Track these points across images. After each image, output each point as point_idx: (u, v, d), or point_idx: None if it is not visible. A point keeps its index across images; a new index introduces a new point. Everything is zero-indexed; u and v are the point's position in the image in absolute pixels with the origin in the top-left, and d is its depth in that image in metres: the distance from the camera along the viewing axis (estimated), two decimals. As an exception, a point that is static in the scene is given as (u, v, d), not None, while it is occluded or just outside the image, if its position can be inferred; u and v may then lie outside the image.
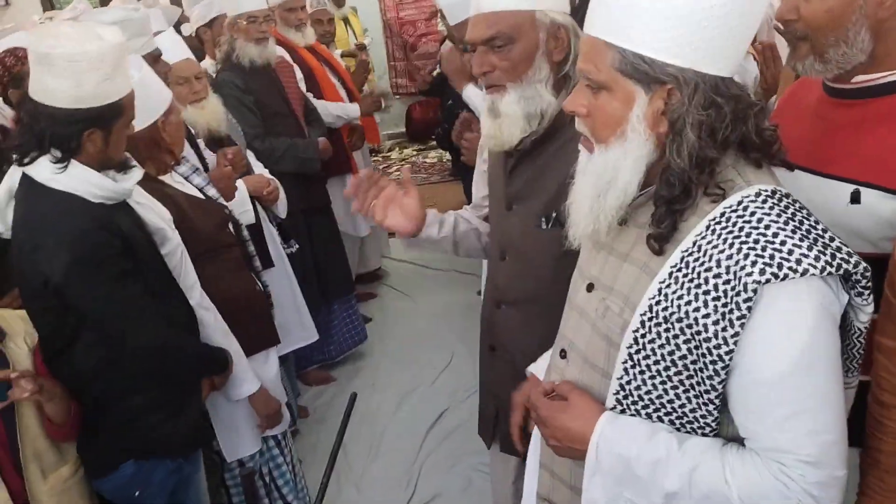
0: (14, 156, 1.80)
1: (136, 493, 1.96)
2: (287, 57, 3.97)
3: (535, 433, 1.31)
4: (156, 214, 2.04)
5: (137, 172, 1.93)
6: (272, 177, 2.97)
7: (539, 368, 1.39)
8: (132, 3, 6.26)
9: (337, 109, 4.15)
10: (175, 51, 2.81)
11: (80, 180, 1.76)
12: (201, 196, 2.39)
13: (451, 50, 3.39)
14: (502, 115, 1.49)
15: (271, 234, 2.97)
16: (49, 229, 1.75)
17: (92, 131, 1.75)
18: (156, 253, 2.00)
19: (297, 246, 3.14)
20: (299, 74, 3.99)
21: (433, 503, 2.88)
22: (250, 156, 3.06)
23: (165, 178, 2.29)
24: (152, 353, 1.88)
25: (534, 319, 1.55)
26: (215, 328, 2.16)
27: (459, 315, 4.29)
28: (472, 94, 3.26)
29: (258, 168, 3.02)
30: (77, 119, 1.73)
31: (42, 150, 1.76)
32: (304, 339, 3.18)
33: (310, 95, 4.03)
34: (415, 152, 8.01)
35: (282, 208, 2.99)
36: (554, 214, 1.50)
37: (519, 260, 1.60)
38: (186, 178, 2.39)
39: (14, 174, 1.82)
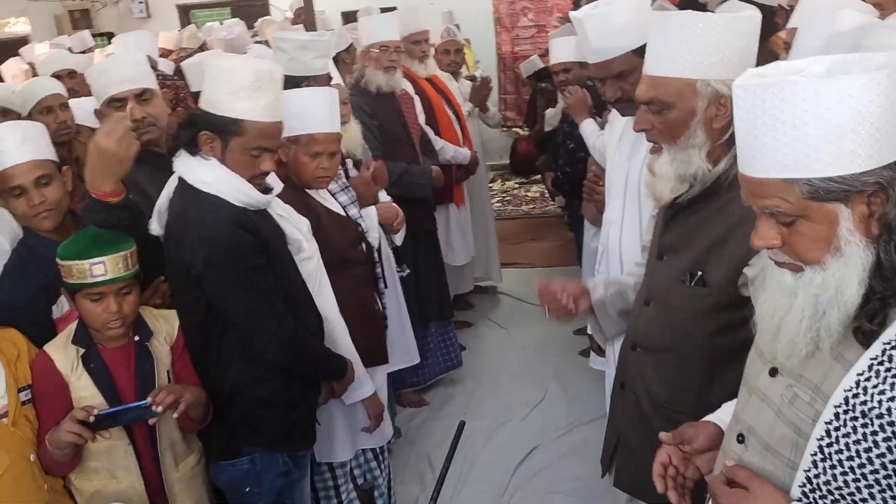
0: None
1: (247, 490, 2.09)
2: (411, 89, 4.14)
3: None
4: (294, 227, 2.19)
5: (275, 190, 2.09)
6: (399, 207, 3.10)
7: (716, 418, 1.36)
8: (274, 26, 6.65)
9: (451, 152, 4.31)
10: None
11: (223, 182, 1.93)
12: (342, 213, 2.53)
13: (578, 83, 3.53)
14: (657, 175, 1.57)
15: (388, 257, 3.10)
16: (193, 225, 1.93)
17: (205, 134, 1.92)
18: (290, 260, 2.14)
19: (409, 271, 3.26)
20: (419, 107, 4.15)
21: (520, 539, 2.89)
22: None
23: (312, 192, 2.45)
24: (278, 344, 1.99)
25: (665, 367, 1.58)
26: (341, 337, 2.28)
27: (555, 353, 4.30)
28: (589, 132, 3.34)
29: (383, 195, 3.15)
30: (199, 119, 1.94)
31: (179, 146, 1.98)
32: (407, 361, 3.29)
33: (428, 129, 4.18)
34: (517, 185, 8.08)
35: (399, 237, 3.12)
36: (699, 273, 1.53)
37: (661, 309, 1.64)
38: (334, 195, 2.54)
39: (174, 181, 2.01)
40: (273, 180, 2.11)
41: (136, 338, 1.95)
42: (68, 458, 1.82)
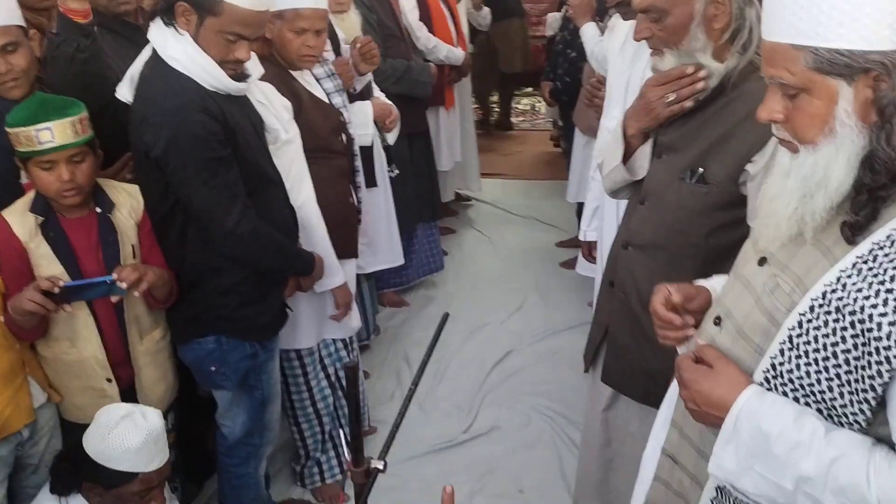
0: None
1: (212, 369, 2.11)
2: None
3: (672, 389, 1.33)
4: (273, 115, 2.12)
5: (252, 76, 1.99)
6: (394, 106, 3.03)
7: (709, 285, 1.35)
8: None
9: (444, 51, 4.18)
10: None
11: (193, 62, 1.84)
12: (325, 99, 2.46)
13: None
14: None
15: (380, 156, 3.05)
16: (157, 103, 1.85)
17: (182, 5, 1.82)
18: (263, 151, 2.07)
19: (398, 171, 3.22)
20: (413, 2, 4.00)
21: (491, 434, 2.98)
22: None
23: (297, 74, 2.37)
24: (237, 239, 1.95)
25: (656, 266, 1.59)
26: (315, 228, 2.25)
27: (536, 263, 4.34)
28: (589, 36, 3.25)
29: (377, 92, 3.07)
30: None
31: (157, 13, 1.87)
32: (392, 262, 3.31)
33: (422, 26, 4.04)
34: (508, 96, 7.94)
35: (392, 136, 3.07)
36: (700, 171, 1.53)
37: (657, 207, 1.64)
38: (318, 80, 2.46)
39: (148, 50, 1.92)
40: (253, 66, 2.01)
41: (98, 210, 1.91)
42: (32, 325, 1.81)
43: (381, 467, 1.44)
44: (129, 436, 1.70)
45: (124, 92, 1.93)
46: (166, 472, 1.80)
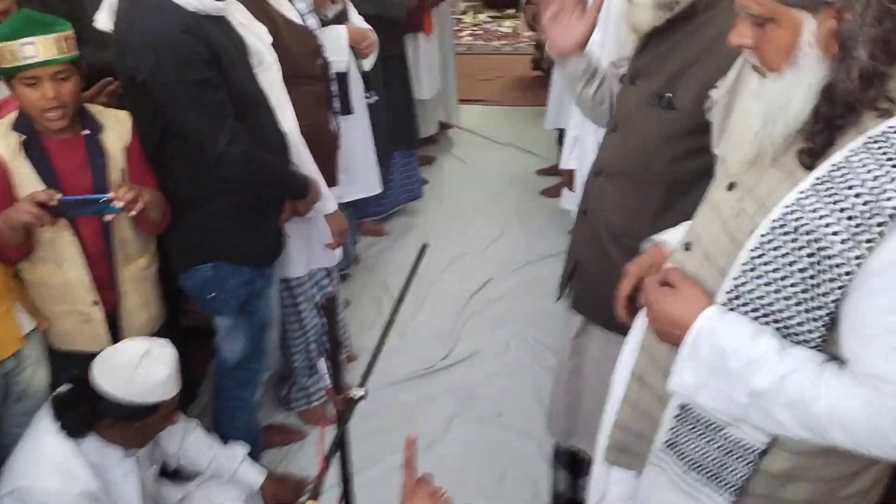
0: None
1: (212, 296, 2.14)
2: None
3: (642, 314, 1.37)
4: (255, 36, 2.08)
5: None
6: (372, 29, 2.96)
7: (662, 240, 1.41)
8: None
9: None
10: None
11: None
12: (300, 22, 2.40)
13: None
14: (633, 3, 1.52)
15: (357, 82, 3.00)
16: (140, 27, 1.83)
17: None
18: (248, 73, 2.04)
19: (377, 97, 3.17)
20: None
21: (471, 359, 3.06)
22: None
23: None
24: (228, 161, 1.93)
25: (624, 193, 1.60)
26: (301, 155, 2.24)
27: (516, 191, 4.35)
28: None
29: (356, 18, 3.00)
30: None
31: None
32: (369, 190, 3.29)
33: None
34: (489, 19, 7.77)
35: (369, 62, 3.00)
36: (668, 96, 1.53)
37: (627, 134, 1.64)
38: (292, 1, 2.39)
39: None
40: None
41: (86, 132, 1.88)
42: (19, 241, 1.80)
43: (361, 394, 1.49)
44: (156, 370, 1.77)
45: (104, 19, 1.89)
46: (179, 393, 1.88)
